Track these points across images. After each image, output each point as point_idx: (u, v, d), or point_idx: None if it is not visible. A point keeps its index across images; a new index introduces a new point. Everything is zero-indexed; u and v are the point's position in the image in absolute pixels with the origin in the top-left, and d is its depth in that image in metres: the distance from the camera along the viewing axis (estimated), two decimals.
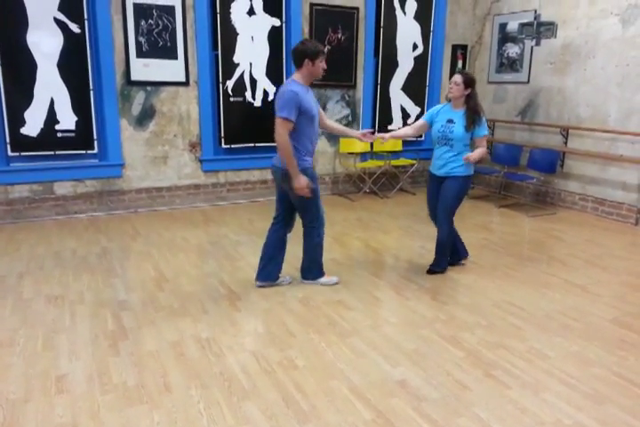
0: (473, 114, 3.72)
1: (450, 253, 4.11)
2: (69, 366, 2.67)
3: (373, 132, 3.87)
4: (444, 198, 3.88)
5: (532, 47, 6.17)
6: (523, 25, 5.78)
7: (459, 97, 3.75)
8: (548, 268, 4.21)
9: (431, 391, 2.49)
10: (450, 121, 3.79)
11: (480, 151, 3.74)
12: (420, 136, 6.88)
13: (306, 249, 3.70)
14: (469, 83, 3.71)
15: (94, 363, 2.69)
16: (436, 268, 4.04)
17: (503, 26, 6.74)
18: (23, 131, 5.12)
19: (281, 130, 3.25)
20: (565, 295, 3.66)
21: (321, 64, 3.36)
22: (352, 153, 6.73)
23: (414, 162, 6.82)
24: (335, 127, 3.84)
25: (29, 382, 2.51)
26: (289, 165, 3.29)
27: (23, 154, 5.18)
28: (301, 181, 3.30)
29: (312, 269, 3.75)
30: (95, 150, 5.46)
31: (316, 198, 3.49)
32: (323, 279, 3.77)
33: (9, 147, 5.10)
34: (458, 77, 3.73)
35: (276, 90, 6.01)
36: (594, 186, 5.86)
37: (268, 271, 3.69)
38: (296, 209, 3.58)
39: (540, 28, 5.66)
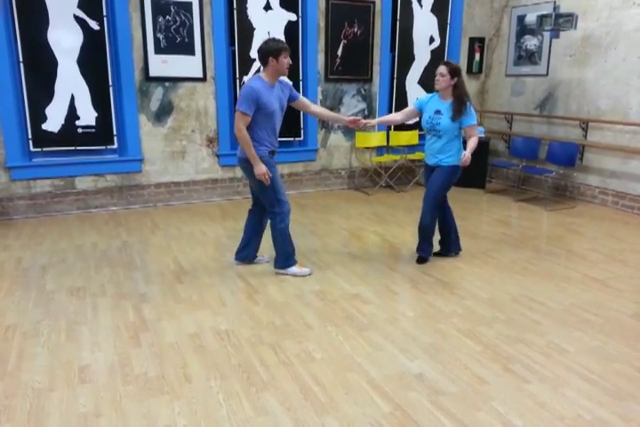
0: (459, 104, 3.71)
1: (442, 244, 4.21)
2: (92, 356, 2.72)
3: (359, 119, 3.92)
4: (430, 187, 3.96)
5: (550, 39, 6.08)
6: (541, 17, 5.70)
7: (446, 88, 3.75)
8: (567, 262, 4.16)
9: (449, 385, 2.49)
10: (437, 112, 3.80)
11: (473, 145, 3.73)
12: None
13: (273, 237, 3.81)
14: (455, 72, 3.70)
15: (116, 354, 2.74)
16: (423, 253, 4.08)
17: (521, 18, 6.65)
18: (45, 127, 5.21)
19: (239, 123, 3.48)
20: (585, 290, 3.63)
21: (285, 60, 3.53)
22: (368, 147, 6.72)
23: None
24: (324, 114, 4.01)
25: (53, 373, 2.57)
26: (248, 155, 3.53)
27: (45, 149, 5.27)
28: (260, 169, 3.52)
29: (279, 258, 3.83)
30: (115, 146, 5.54)
31: (273, 184, 3.62)
32: (293, 269, 3.82)
33: (31, 142, 5.20)
34: (443, 68, 3.72)
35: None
36: (614, 179, 5.77)
37: (246, 253, 3.99)
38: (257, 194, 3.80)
39: (559, 20, 5.58)
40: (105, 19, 5.21)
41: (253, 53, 5.88)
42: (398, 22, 6.55)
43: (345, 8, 6.19)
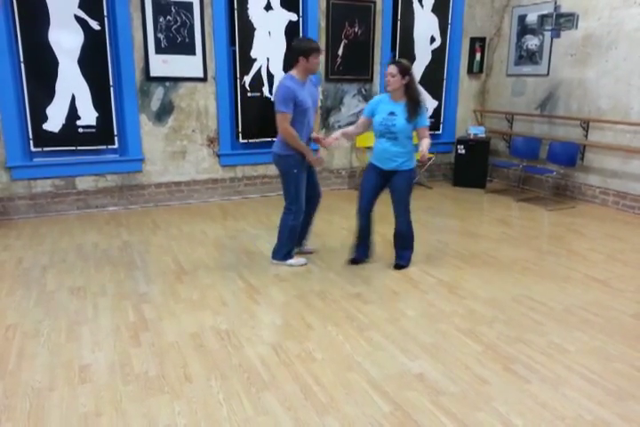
0: (414, 104, 3.63)
1: (363, 247, 4.07)
2: (92, 356, 2.72)
3: (322, 139, 3.98)
4: (398, 193, 3.83)
5: (551, 39, 6.07)
6: (542, 16, 5.70)
7: (398, 88, 3.63)
8: (567, 262, 4.16)
9: (449, 385, 2.49)
10: (391, 113, 3.68)
11: (427, 143, 3.64)
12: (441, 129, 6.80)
13: (279, 231, 3.96)
14: (405, 71, 3.58)
15: (116, 354, 2.74)
16: (402, 261, 3.97)
17: (522, 18, 6.64)
18: (45, 126, 5.21)
19: (283, 123, 3.62)
20: (586, 290, 3.62)
21: (315, 60, 3.63)
22: (368, 147, 6.70)
23: (431, 156, 6.77)
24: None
25: (54, 372, 2.57)
26: (299, 148, 3.70)
27: (45, 149, 5.27)
28: (310, 156, 3.76)
29: (280, 251, 4.00)
30: (115, 145, 5.54)
31: (297, 183, 3.78)
32: (291, 261, 4.02)
33: (32, 142, 5.20)
34: (392, 68, 3.58)
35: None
36: (615, 179, 5.76)
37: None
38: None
39: (560, 20, 5.58)
40: (106, 19, 5.21)
41: (254, 53, 5.88)
42: (399, 22, 6.55)
43: (346, 8, 6.18)
